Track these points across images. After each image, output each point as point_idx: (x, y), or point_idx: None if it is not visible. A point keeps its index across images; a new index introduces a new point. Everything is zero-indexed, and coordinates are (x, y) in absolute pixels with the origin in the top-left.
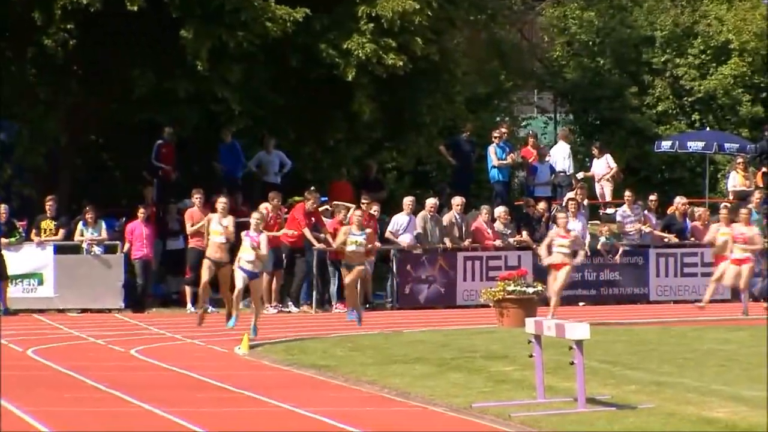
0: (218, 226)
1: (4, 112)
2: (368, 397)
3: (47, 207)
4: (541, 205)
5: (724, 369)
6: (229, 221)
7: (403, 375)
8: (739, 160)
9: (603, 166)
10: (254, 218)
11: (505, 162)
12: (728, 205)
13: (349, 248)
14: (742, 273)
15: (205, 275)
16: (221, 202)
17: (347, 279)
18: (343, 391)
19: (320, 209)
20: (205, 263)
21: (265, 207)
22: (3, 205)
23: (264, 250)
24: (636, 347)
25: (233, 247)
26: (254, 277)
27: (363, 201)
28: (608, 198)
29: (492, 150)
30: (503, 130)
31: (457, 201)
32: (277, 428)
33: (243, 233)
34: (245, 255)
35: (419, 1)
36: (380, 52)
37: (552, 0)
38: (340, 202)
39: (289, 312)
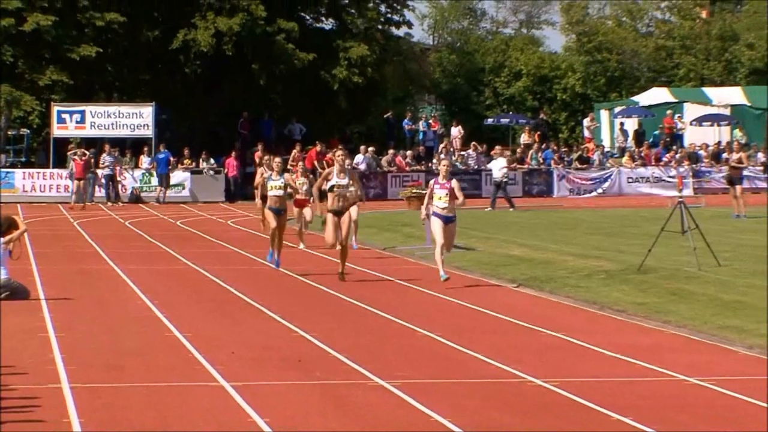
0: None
1: (165, 105)
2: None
3: (185, 152)
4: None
5: (518, 230)
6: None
7: (360, 234)
8: (527, 128)
9: (456, 131)
10: (443, 166)
11: (411, 127)
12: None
13: (271, 192)
14: None
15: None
16: (340, 155)
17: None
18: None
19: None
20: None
21: (294, 152)
22: (165, 150)
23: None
24: (479, 220)
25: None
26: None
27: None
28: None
29: (406, 122)
30: (409, 114)
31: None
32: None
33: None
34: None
35: (370, 50)
36: (350, 75)
37: (434, 47)
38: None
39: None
